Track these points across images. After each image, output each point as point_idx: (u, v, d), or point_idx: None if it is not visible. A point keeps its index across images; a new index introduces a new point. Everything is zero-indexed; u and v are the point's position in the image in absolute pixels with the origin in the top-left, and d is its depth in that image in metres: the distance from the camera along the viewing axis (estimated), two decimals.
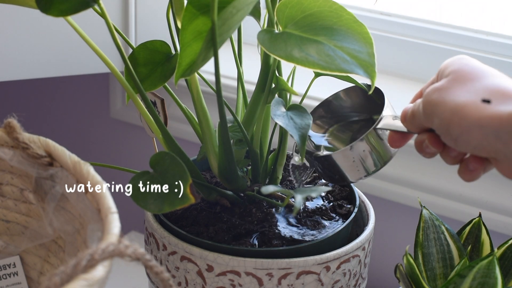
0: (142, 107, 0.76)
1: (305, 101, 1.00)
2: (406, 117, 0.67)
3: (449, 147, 0.64)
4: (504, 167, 0.60)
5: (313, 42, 0.66)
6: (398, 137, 0.70)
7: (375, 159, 0.74)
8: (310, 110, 0.76)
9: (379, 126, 0.72)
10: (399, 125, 0.69)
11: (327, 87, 0.91)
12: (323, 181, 0.87)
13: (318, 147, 0.81)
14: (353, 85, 0.81)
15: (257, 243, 0.75)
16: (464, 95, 0.60)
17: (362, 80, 0.77)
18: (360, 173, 0.75)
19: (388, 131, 0.71)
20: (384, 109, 0.73)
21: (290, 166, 0.79)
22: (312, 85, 0.84)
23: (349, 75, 0.71)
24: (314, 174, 0.88)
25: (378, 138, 0.73)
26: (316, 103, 1.13)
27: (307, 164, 0.78)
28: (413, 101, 0.69)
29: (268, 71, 0.73)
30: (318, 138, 0.83)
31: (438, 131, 0.62)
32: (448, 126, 0.60)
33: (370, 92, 0.68)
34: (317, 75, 0.81)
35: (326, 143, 0.82)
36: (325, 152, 0.79)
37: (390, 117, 0.72)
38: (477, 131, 0.58)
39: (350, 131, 0.83)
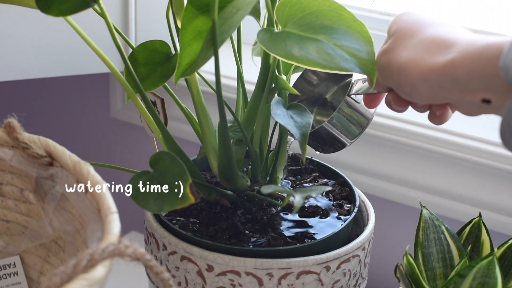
0: (142, 107, 0.76)
1: None
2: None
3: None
4: (460, 109, 0.63)
5: (312, 41, 0.66)
6: (372, 98, 0.74)
7: (356, 122, 0.77)
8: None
9: (351, 92, 0.75)
10: (368, 87, 0.72)
11: None
12: (325, 179, 0.87)
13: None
14: None
15: (257, 243, 0.75)
16: (405, 53, 0.62)
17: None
18: (349, 137, 0.78)
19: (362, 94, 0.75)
20: (353, 75, 0.76)
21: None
22: None
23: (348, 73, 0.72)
24: (314, 174, 0.88)
25: (354, 103, 0.76)
26: None
27: None
28: None
29: (268, 70, 0.73)
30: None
31: (395, 90, 0.65)
32: (398, 85, 0.63)
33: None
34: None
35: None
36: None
37: (360, 81, 0.75)
38: (423, 85, 0.61)
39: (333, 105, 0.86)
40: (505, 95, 0.55)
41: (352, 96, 0.75)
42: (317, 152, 0.82)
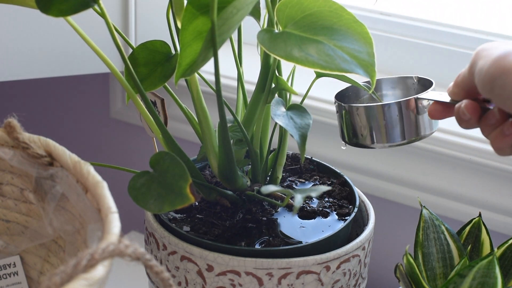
0: (142, 107, 0.76)
1: (306, 101, 1.00)
2: (454, 84, 0.68)
3: (487, 116, 0.65)
4: None
5: (313, 42, 0.66)
6: (440, 108, 0.70)
7: (407, 128, 0.74)
8: (310, 111, 0.76)
9: (422, 96, 0.72)
10: (442, 97, 0.70)
11: (328, 87, 0.91)
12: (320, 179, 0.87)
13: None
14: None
15: (258, 244, 0.75)
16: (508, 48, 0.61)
17: (362, 80, 0.77)
18: (387, 139, 0.74)
19: (430, 102, 0.72)
20: (432, 88, 0.73)
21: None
22: (312, 85, 0.84)
23: (348, 74, 0.72)
24: (315, 177, 0.88)
25: (417, 108, 0.73)
26: (317, 104, 1.12)
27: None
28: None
29: (268, 71, 0.73)
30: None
31: (495, 99, 0.62)
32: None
33: (371, 91, 0.68)
34: (318, 75, 0.81)
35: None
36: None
37: (435, 92, 0.72)
38: None
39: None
40: None
41: (420, 100, 0.72)
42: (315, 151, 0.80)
